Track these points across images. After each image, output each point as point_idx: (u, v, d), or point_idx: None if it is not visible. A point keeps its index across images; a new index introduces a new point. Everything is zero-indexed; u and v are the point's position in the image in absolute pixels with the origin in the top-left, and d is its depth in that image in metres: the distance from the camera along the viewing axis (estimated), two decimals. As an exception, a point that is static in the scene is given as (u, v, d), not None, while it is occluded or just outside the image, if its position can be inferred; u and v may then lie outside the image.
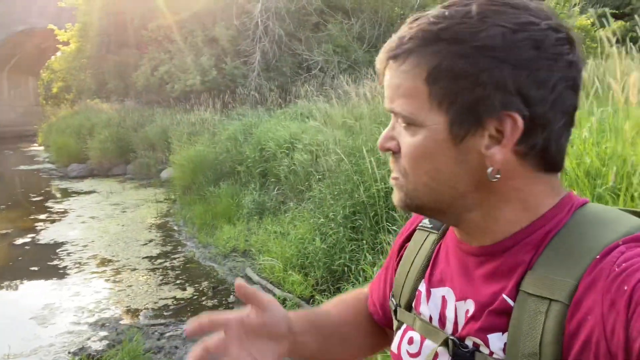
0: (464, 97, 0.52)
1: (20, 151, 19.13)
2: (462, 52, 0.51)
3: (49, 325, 3.91)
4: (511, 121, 0.51)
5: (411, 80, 0.54)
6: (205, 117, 9.58)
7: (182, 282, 4.78)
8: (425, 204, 0.58)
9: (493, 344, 0.54)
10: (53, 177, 12.00)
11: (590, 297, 0.47)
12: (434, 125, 0.53)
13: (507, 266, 0.55)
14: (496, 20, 0.51)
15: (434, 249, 0.68)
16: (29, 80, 30.30)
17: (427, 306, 0.64)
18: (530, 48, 0.50)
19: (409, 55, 0.54)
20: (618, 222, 0.52)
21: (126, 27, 13.26)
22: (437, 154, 0.54)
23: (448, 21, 0.52)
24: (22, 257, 5.81)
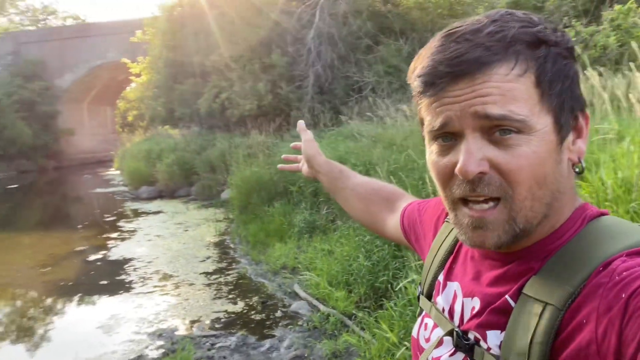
0: (567, 96, 0.55)
1: (98, 175, 20.78)
2: (561, 54, 0.55)
3: (113, 334, 4.27)
4: (585, 115, 0.58)
5: (523, 83, 0.53)
6: (260, 140, 10.00)
7: (234, 297, 5.03)
8: (525, 225, 0.55)
9: (491, 340, 0.57)
10: (125, 199, 12.95)
11: (589, 304, 0.49)
12: (544, 129, 0.53)
13: (516, 271, 0.58)
14: (549, 25, 0.56)
15: (456, 242, 0.71)
16: (107, 110, 32.92)
17: (441, 297, 0.69)
18: None
19: (519, 58, 0.53)
20: (626, 235, 0.53)
21: (191, 59, 14.18)
22: (546, 158, 0.54)
23: (538, 25, 0.54)
24: (94, 272, 6.35)
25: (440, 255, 0.73)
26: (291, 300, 4.78)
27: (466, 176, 0.54)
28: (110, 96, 32.01)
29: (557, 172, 0.55)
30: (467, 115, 0.54)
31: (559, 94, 0.54)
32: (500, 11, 0.56)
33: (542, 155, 0.53)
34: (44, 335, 4.52)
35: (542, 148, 0.53)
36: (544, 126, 0.54)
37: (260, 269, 5.82)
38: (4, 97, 24.12)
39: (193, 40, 13.86)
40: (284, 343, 3.91)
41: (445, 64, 0.54)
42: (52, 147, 26.97)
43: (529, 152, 0.53)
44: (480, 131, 0.54)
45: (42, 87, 26.31)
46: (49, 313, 5.12)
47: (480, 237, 0.56)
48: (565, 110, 0.55)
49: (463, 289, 0.65)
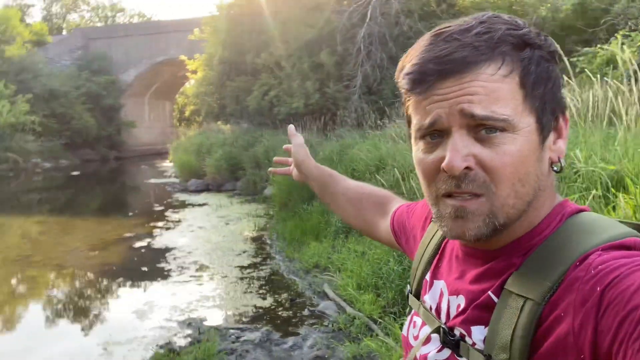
0: (549, 98, 0.57)
1: (154, 167, 21.72)
2: (544, 57, 0.57)
3: (146, 320, 4.42)
4: (564, 116, 0.60)
5: (508, 84, 0.55)
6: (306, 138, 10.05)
7: (264, 292, 5.08)
8: (505, 220, 0.56)
9: (475, 335, 0.58)
10: (175, 190, 13.43)
11: (567, 298, 0.50)
12: (526, 128, 0.55)
13: (497, 268, 0.59)
14: (532, 28, 0.58)
15: (441, 242, 0.73)
16: (166, 104, 34.35)
17: (428, 295, 0.70)
18: None
19: (505, 59, 0.55)
20: (604, 230, 0.55)
21: (244, 57, 14.49)
22: (529, 157, 0.56)
23: (523, 29, 0.56)
24: (137, 259, 6.63)
25: (427, 254, 0.74)
26: (319, 300, 4.76)
27: (452, 171, 0.55)
28: (169, 91, 33.38)
29: (538, 170, 0.57)
30: (455, 112, 0.55)
31: (541, 95, 0.56)
32: (487, 13, 0.58)
33: (525, 154, 0.55)
34: (82, 316, 4.77)
35: (525, 147, 0.55)
36: (527, 125, 0.55)
37: (293, 266, 5.85)
38: (72, 89, 25.72)
39: (247, 39, 14.16)
40: (307, 342, 3.90)
41: (434, 62, 0.55)
42: (114, 138, 28.51)
43: (513, 150, 0.55)
44: (466, 128, 0.55)
45: (107, 81, 27.83)
46: (90, 295, 5.40)
47: (460, 227, 0.57)
48: (547, 111, 0.57)
49: (448, 287, 0.66)
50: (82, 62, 27.93)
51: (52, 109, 24.75)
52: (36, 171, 21.37)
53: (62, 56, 28.38)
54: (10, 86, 22.40)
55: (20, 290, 5.59)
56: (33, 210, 11.87)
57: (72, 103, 25.45)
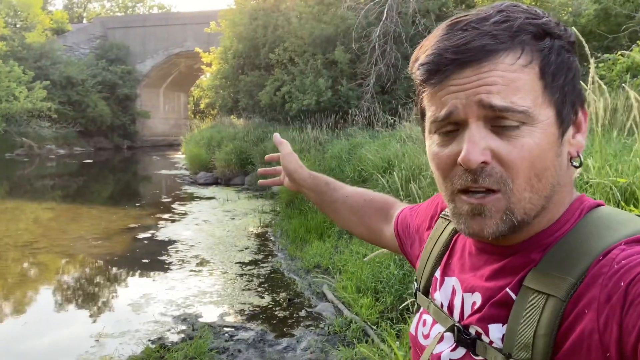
0: (569, 90, 0.55)
1: (166, 158, 21.83)
2: (564, 47, 0.54)
3: (141, 313, 4.38)
4: (584, 110, 0.58)
5: (527, 74, 0.53)
6: (314, 135, 9.97)
7: (263, 290, 5.01)
8: (522, 216, 0.54)
9: (493, 333, 0.56)
10: (184, 183, 13.46)
11: (590, 293, 0.49)
12: (546, 121, 0.53)
13: (515, 264, 0.57)
14: (552, 18, 0.55)
15: (451, 238, 0.71)
16: (181, 96, 34.52)
17: (439, 293, 0.68)
18: None
19: (525, 48, 0.53)
20: (625, 225, 0.53)
21: (258, 51, 14.45)
22: (547, 151, 0.53)
23: (543, 18, 0.54)
24: (139, 250, 6.61)
25: (437, 251, 0.72)
26: (318, 301, 4.68)
27: (469, 165, 0.53)
28: (185, 83, 33.53)
29: (557, 165, 0.55)
30: (472, 103, 0.53)
31: (561, 86, 0.54)
32: (505, 2, 0.56)
33: (543, 148, 0.53)
34: (77, 306, 4.74)
35: (544, 140, 0.53)
36: (546, 118, 0.53)
37: (294, 265, 5.77)
38: (89, 77, 25.96)
39: (262, 33, 14.11)
40: (301, 344, 3.82)
41: (451, 51, 0.53)
42: (128, 128, 28.75)
43: (531, 143, 0.53)
44: (484, 120, 0.53)
45: (124, 71, 28.07)
46: (88, 285, 5.38)
47: (479, 225, 0.55)
48: (567, 103, 0.55)
49: (462, 284, 0.64)
50: (100, 51, 28.20)
51: (68, 96, 25.04)
52: (50, 157, 21.62)
53: (81, 44, 28.68)
54: (29, 72, 22.68)
55: (19, 276, 5.60)
56: (45, 196, 11.98)
57: (88, 91, 25.71)
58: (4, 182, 14.32)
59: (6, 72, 21.79)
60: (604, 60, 6.56)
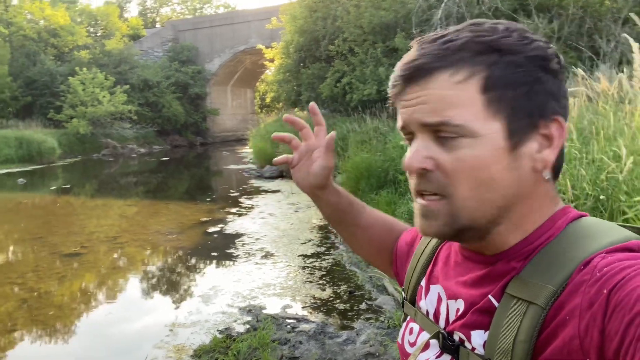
0: (522, 104, 0.55)
1: (234, 153, 22.69)
2: (517, 62, 0.55)
3: (210, 304, 4.65)
4: (558, 125, 0.57)
5: (465, 90, 0.55)
6: (374, 126, 9.89)
7: (324, 283, 5.11)
8: (469, 222, 0.57)
9: (475, 340, 0.58)
10: (251, 176, 13.93)
11: (572, 302, 0.50)
12: (490, 134, 0.55)
13: (497, 272, 0.59)
14: (532, 36, 0.56)
15: (437, 246, 0.73)
16: (247, 92, 35.55)
17: (424, 301, 0.70)
18: (556, 62, 0.57)
19: (462, 65, 0.55)
20: (606, 234, 0.54)
21: (319, 44, 14.52)
22: (492, 163, 0.55)
23: (497, 34, 0.55)
24: (209, 243, 6.98)
25: (422, 260, 0.74)
26: (378, 294, 4.70)
27: (409, 170, 0.58)
28: (250, 79, 34.48)
29: (510, 177, 0.56)
30: (414, 119, 0.57)
31: (510, 100, 0.55)
32: (475, 21, 0.58)
33: (485, 160, 0.55)
34: (153, 296, 5.12)
35: (487, 153, 0.55)
36: (490, 132, 0.55)
37: (355, 257, 5.82)
38: (163, 79, 27.48)
39: (321, 25, 14.15)
40: (361, 337, 3.87)
41: (402, 69, 0.58)
42: (200, 125, 30.16)
43: (470, 155, 0.55)
44: (427, 132, 0.57)
45: (194, 71, 29.40)
46: (163, 277, 5.78)
47: (425, 225, 0.60)
48: (519, 117, 0.55)
49: (446, 292, 0.66)
50: (172, 53, 29.73)
51: (146, 98, 26.71)
52: (132, 156, 23.27)
53: (155, 48, 30.39)
54: (110, 78, 24.44)
55: (106, 268, 6.14)
56: (129, 192, 12.94)
57: (163, 92, 27.26)
58: (93, 181, 15.65)
59: (90, 79, 23.64)
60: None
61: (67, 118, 22.98)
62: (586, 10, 10.35)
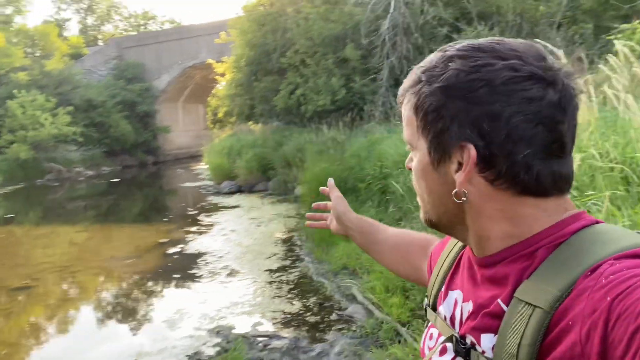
0: (433, 128, 0.61)
1: (189, 170, 22.18)
2: (431, 91, 0.61)
3: (176, 329, 4.47)
4: (467, 150, 0.59)
5: (408, 112, 0.65)
6: (331, 136, 9.96)
7: (293, 297, 5.04)
8: (434, 219, 0.67)
9: (484, 343, 0.59)
10: (209, 193, 13.64)
11: (576, 307, 0.50)
12: (421, 150, 0.64)
13: (501, 275, 0.60)
14: (457, 63, 0.59)
15: (457, 254, 0.76)
16: (199, 107, 34.95)
17: (443, 306, 0.72)
18: (481, 86, 0.57)
19: (406, 93, 0.66)
20: (617, 240, 0.55)
21: (270, 57, 14.51)
22: (426, 175, 0.65)
23: (427, 65, 0.63)
24: (170, 265, 6.75)
25: (445, 267, 0.77)
26: (348, 303, 4.68)
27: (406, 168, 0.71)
28: (202, 94, 33.93)
29: (442, 190, 0.63)
30: None
31: (429, 124, 0.62)
32: (447, 54, 0.62)
33: (420, 170, 0.65)
34: (115, 326, 4.87)
35: (419, 165, 0.65)
36: (421, 148, 0.64)
37: (322, 268, 5.79)
38: (109, 98, 26.55)
39: (271, 38, 14.16)
40: (334, 349, 3.83)
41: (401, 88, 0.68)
42: (150, 144, 29.27)
43: (414, 163, 0.67)
44: None
45: (142, 88, 28.57)
46: (123, 304, 5.51)
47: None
48: (434, 139, 0.62)
49: (464, 295, 0.68)
50: (117, 71, 28.78)
51: (91, 118, 25.66)
52: (79, 179, 22.23)
53: (98, 67, 29.33)
54: (52, 99, 23.34)
55: (58, 299, 5.79)
56: (77, 218, 12.32)
57: (109, 112, 26.29)
58: (38, 208, 14.81)
59: (30, 102, 22.48)
60: (622, 30, 6.34)
61: (7, 143, 21.71)
62: (523, 16, 10.93)
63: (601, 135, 3.06)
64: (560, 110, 0.57)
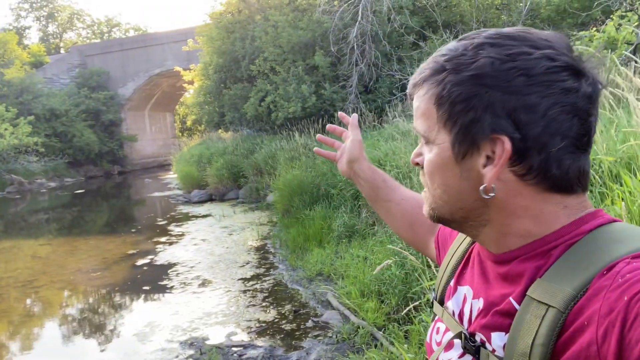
0: (461, 120, 0.58)
1: (157, 179, 21.71)
2: (458, 80, 0.58)
3: (147, 342, 4.34)
4: (500, 143, 0.56)
5: (426, 103, 0.62)
6: (302, 142, 9.96)
7: (267, 305, 4.98)
8: (444, 215, 0.65)
9: (495, 342, 0.59)
10: (179, 202, 13.38)
11: (592, 307, 0.49)
12: (441, 144, 0.60)
13: (515, 272, 0.59)
14: (489, 51, 0.56)
15: (467, 249, 0.74)
16: (167, 116, 34.36)
17: (451, 301, 0.71)
18: (518, 76, 0.55)
19: (424, 83, 0.62)
20: (635, 239, 0.54)
21: (239, 64, 14.43)
22: (445, 170, 0.61)
23: (452, 53, 0.60)
24: (140, 276, 6.56)
25: (454, 261, 0.75)
26: (323, 310, 4.66)
27: (411, 163, 0.69)
28: (169, 102, 33.39)
29: (463, 185, 0.60)
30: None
31: (454, 115, 0.58)
32: (470, 43, 0.60)
33: (437, 164, 0.61)
34: (83, 340, 4.69)
35: (438, 160, 0.61)
36: (442, 142, 0.60)
37: (296, 275, 5.75)
38: (72, 107, 25.79)
39: (240, 46, 14.09)
40: (311, 356, 3.80)
41: (412, 80, 0.65)
42: (116, 153, 28.55)
43: (429, 158, 0.63)
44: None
45: (106, 97, 27.88)
46: (91, 318, 5.32)
47: (424, 207, 0.68)
48: (461, 131, 0.58)
49: (474, 292, 0.67)
50: (80, 79, 28.00)
51: (53, 128, 24.85)
52: (41, 191, 21.42)
53: (61, 75, 28.48)
54: (12, 109, 22.49)
55: (22, 314, 5.54)
56: (40, 231, 11.86)
57: (72, 121, 25.53)
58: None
59: (-12, 111, 21.60)
60: (580, 37, 6.60)
61: (-37, 155, 20.77)
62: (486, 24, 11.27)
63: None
64: (591, 103, 0.56)
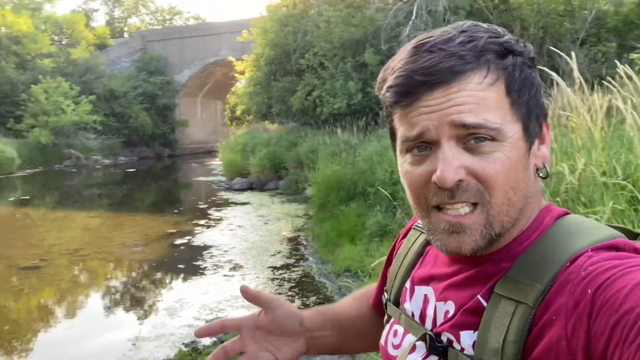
0: (533, 104, 0.57)
1: (204, 165, 22.39)
2: (526, 63, 0.57)
3: (176, 317, 4.53)
4: (546, 123, 0.59)
5: (495, 92, 0.54)
6: (345, 139, 9.98)
7: (293, 295, 5.07)
8: (500, 230, 0.56)
9: (464, 340, 0.57)
10: (221, 189, 13.76)
11: (558, 301, 0.49)
12: (514, 136, 0.55)
13: (486, 272, 0.58)
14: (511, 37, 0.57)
15: (423, 248, 0.72)
16: (218, 104, 35.30)
17: (409, 303, 0.68)
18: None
19: (490, 67, 0.54)
20: (591, 232, 0.55)
21: (289, 57, 14.62)
22: (518, 164, 0.55)
23: (504, 37, 0.56)
24: (176, 255, 6.83)
25: (407, 261, 0.72)
26: (347, 305, 4.69)
27: (444, 184, 0.53)
28: (221, 91, 34.26)
29: (526, 177, 0.57)
30: (444, 124, 0.54)
31: (526, 102, 0.56)
32: (467, 22, 0.58)
33: (514, 161, 0.55)
34: (117, 309, 4.96)
35: (514, 154, 0.55)
36: (514, 133, 0.55)
37: (325, 268, 5.81)
38: (130, 89, 26.97)
39: (292, 39, 14.26)
40: (329, 348, 3.85)
41: (420, 73, 0.54)
42: (168, 137, 29.64)
43: (503, 158, 0.54)
44: (455, 139, 0.54)
45: (163, 82, 28.97)
46: (126, 290, 5.61)
47: (457, 243, 0.56)
48: (532, 118, 0.57)
49: (435, 294, 0.64)
50: (140, 63, 29.24)
51: (112, 108, 26.11)
52: (96, 167, 22.62)
53: (123, 58, 29.84)
54: (75, 87, 23.80)
55: (67, 282, 5.90)
56: (92, 204, 12.55)
57: (130, 103, 26.72)
58: (54, 193, 15.10)
59: (54, 88, 22.96)
60: (645, 50, 6.25)
61: (28, 127, 22.20)
62: (547, 30, 10.84)
63: (614, 153, 3.04)
64: None
